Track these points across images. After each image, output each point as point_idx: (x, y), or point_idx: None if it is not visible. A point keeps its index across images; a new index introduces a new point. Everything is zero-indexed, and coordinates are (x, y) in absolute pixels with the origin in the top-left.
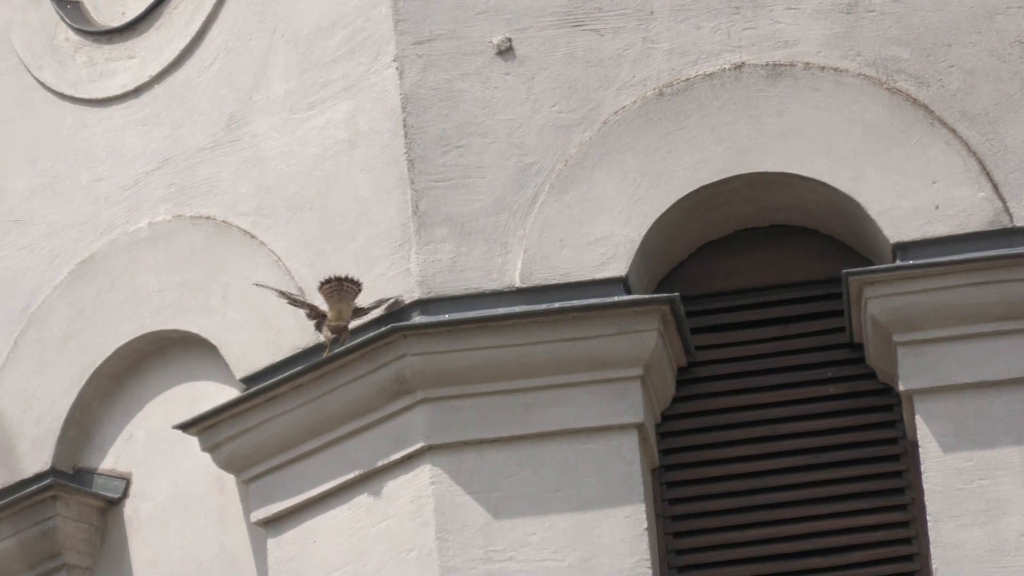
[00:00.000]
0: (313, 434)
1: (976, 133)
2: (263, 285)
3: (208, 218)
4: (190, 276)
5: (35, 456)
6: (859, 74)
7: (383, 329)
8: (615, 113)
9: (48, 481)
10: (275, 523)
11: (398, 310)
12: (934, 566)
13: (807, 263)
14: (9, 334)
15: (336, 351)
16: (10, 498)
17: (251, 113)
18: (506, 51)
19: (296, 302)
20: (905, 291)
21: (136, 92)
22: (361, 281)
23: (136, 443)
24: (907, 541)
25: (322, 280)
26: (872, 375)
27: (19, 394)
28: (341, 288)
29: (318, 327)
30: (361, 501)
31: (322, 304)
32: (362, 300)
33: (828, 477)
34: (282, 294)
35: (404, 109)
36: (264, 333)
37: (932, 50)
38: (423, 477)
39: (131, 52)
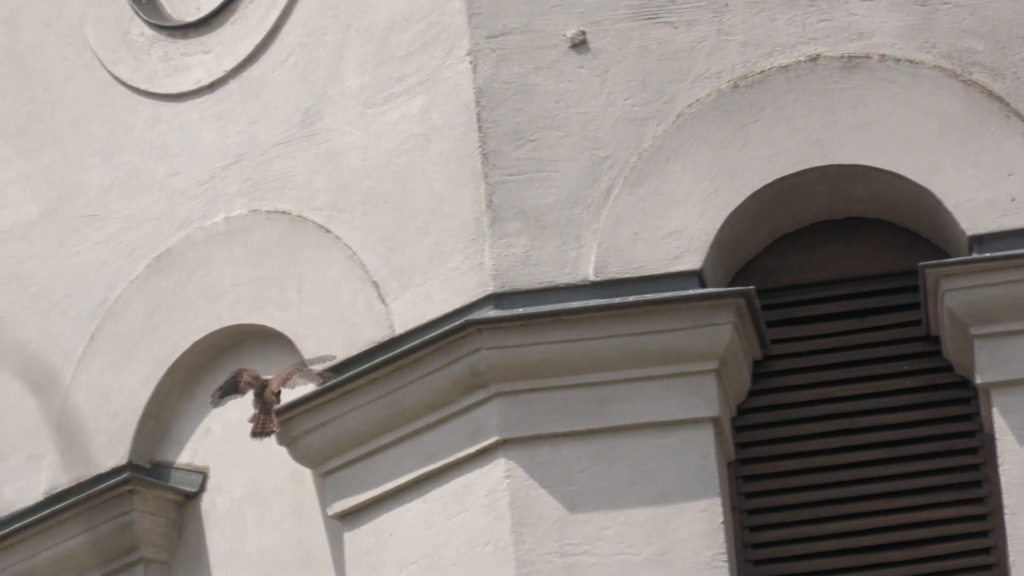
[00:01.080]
0: (388, 428)
1: None
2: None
3: (283, 213)
4: (266, 270)
5: (112, 450)
6: (934, 66)
7: (458, 323)
8: (689, 106)
9: (125, 475)
10: (351, 516)
11: (472, 303)
12: (1011, 559)
13: (883, 256)
14: (86, 329)
15: (403, 349)
16: (87, 492)
17: (326, 108)
18: (580, 44)
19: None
20: (982, 283)
21: (211, 87)
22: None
23: (213, 437)
24: (984, 534)
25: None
26: (949, 368)
27: (96, 388)
28: (263, 396)
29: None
30: (436, 495)
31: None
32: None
33: (904, 470)
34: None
35: (478, 103)
36: (340, 327)
37: (1007, 42)
38: (498, 471)
39: (206, 47)
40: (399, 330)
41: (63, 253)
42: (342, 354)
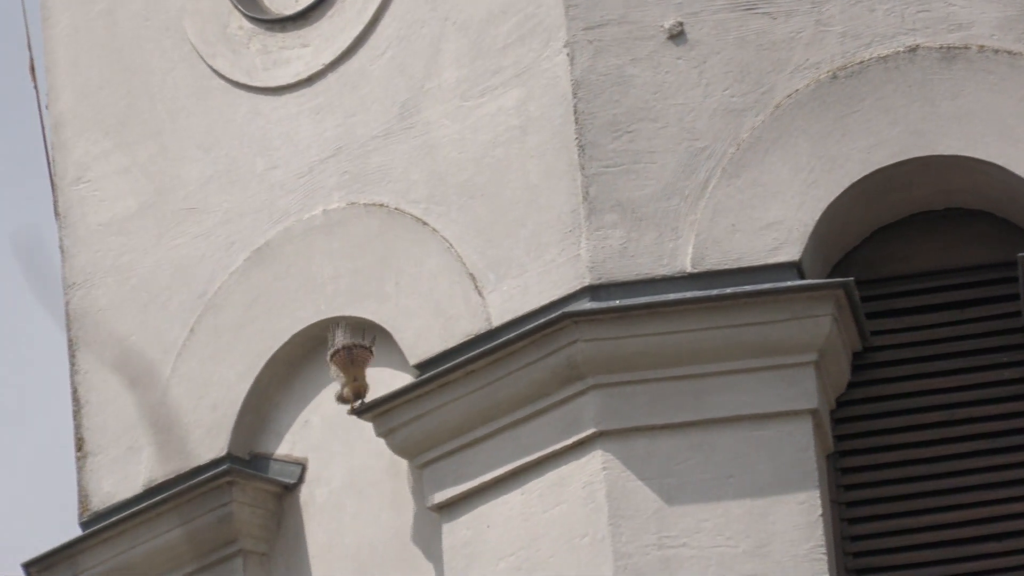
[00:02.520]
0: (485, 420)
1: None
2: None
3: (381, 205)
4: (364, 263)
5: (211, 442)
6: None
7: (554, 315)
8: (788, 96)
9: (224, 467)
10: (449, 508)
11: (568, 295)
12: None
13: (983, 246)
14: (185, 321)
15: (500, 341)
16: (186, 485)
17: (423, 101)
18: (677, 35)
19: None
20: None
21: (309, 80)
22: (370, 345)
23: (312, 429)
24: None
25: (331, 351)
26: None
27: (195, 380)
28: (351, 355)
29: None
30: (534, 487)
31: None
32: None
33: (1004, 462)
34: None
35: (575, 95)
36: (437, 319)
37: None
38: (595, 463)
39: (304, 40)
40: (496, 322)
41: (163, 246)
42: (439, 347)
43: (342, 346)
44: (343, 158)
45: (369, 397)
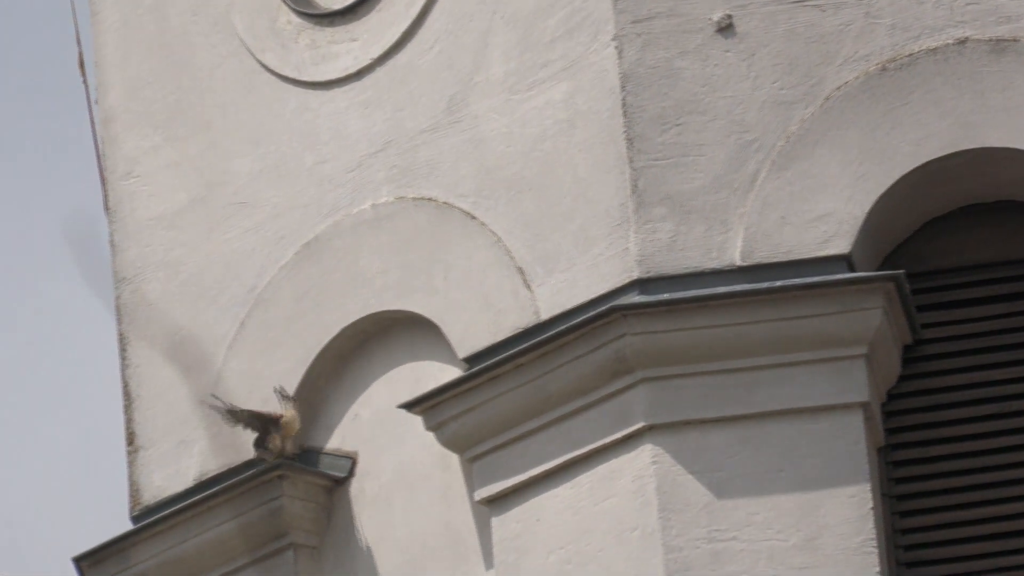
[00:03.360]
0: (535, 413)
1: None
2: (213, 402)
3: (430, 199)
4: (412, 257)
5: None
6: None
7: (603, 309)
8: (837, 89)
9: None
10: (499, 501)
11: (617, 289)
12: None
13: None
14: (235, 315)
15: (548, 335)
16: (237, 478)
17: (471, 95)
18: (726, 28)
19: (235, 414)
20: None
21: (358, 75)
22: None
23: (361, 422)
24: None
25: (280, 404)
26: None
27: (246, 375)
28: (295, 419)
29: (259, 441)
30: (583, 480)
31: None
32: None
33: None
34: (227, 412)
35: (623, 88)
36: (486, 313)
37: None
38: (644, 457)
39: (353, 35)
40: (544, 316)
41: (213, 240)
42: (488, 340)
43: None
44: (392, 152)
45: (419, 390)
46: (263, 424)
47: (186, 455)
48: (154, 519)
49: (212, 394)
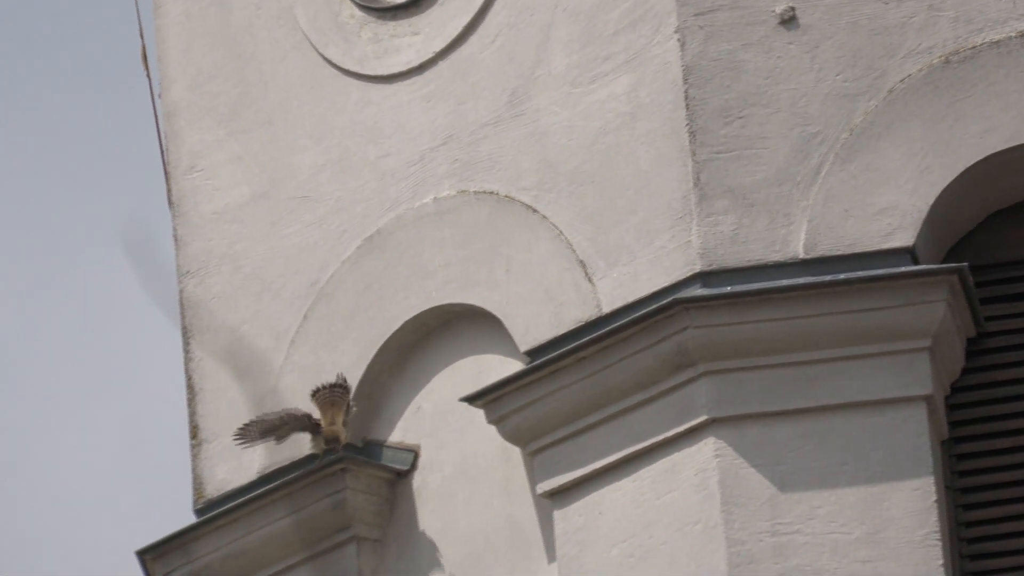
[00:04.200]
0: (597, 406)
1: None
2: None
3: (491, 193)
4: (474, 250)
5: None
6: None
7: (665, 302)
8: (900, 81)
9: (338, 454)
10: (561, 495)
11: (679, 282)
12: None
13: None
14: (298, 309)
15: (610, 328)
16: (300, 471)
17: (533, 88)
18: (789, 20)
19: (278, 427)
20: None
21: (420, 68)
22: (349, 385)
23: (424, 415)
24: None
25: (312, 389)
26: None
27: (308, 368)
28: (332, 395)
29: (313, 436)
30: (645, 474)
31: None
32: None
33: None
34: (263, 431)
35: (686, 81)
36: (547, 306)
37: None
38: (707, 450)
39: (415, 28)
40: (606, 309)
41: (275, 234)
42: (549, 333)
43: (325, 385)
44: (453, 146)
45: (481, 384)
46: (306, 425)
47: (249, 448)
48: (217, 512)
49: (250, 423)
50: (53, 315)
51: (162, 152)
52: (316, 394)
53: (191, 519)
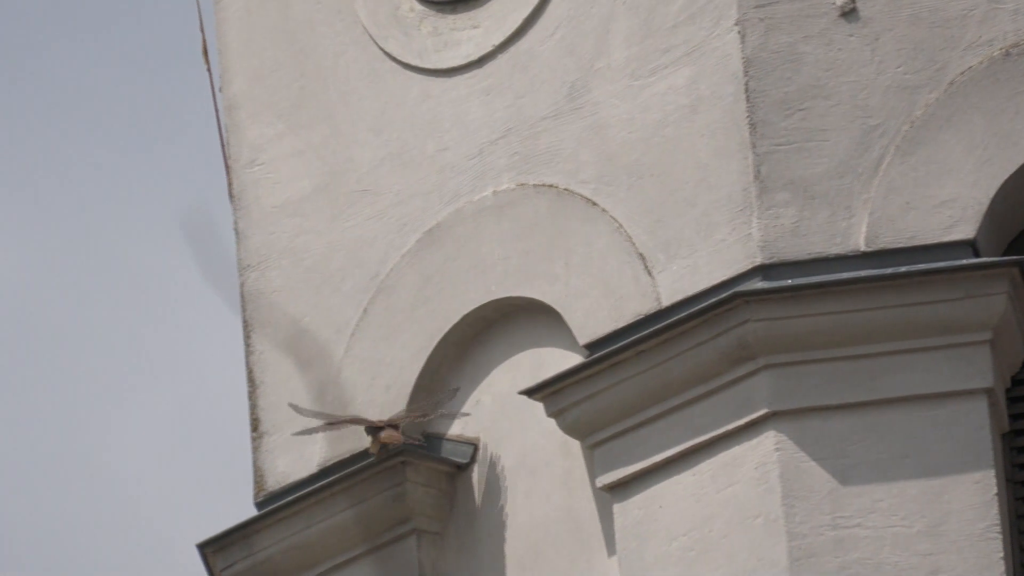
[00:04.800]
0: (656, 400)
1: None
2: (296, 409)
3: (551, 186)
4: (533, 244)
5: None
6: None
7: (725, 295)
8: (961, 74)
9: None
10: (620, 488)
11: (739, 275)
12: None
13: None
14: (359, 302)
15: (670, 321)
16: (360, 464)
17: (592, 81)
18: (850, 12)
19: (336, 423)
20: None
21: (480, 62)
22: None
23: (483, 409)
24: None
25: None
26: None
27: (368, 361)
28: (422, 408)
29: (373, 435)
30: (705, 467)
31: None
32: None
33: None
34: (322, 423)
35: (746, 73)
36: (607, 299)
37: None
38: (768, 443)
39: (475, 22)
40: (666, 302)
41: (336, 228)
42: (609, 327)
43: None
44: (513, 139)
45: (541, 377)
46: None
47: (310, 441)
48: (278, 505)
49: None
50: (113, 306)
51: (223, 146)
52: (411, 404)
53: (251, 512)
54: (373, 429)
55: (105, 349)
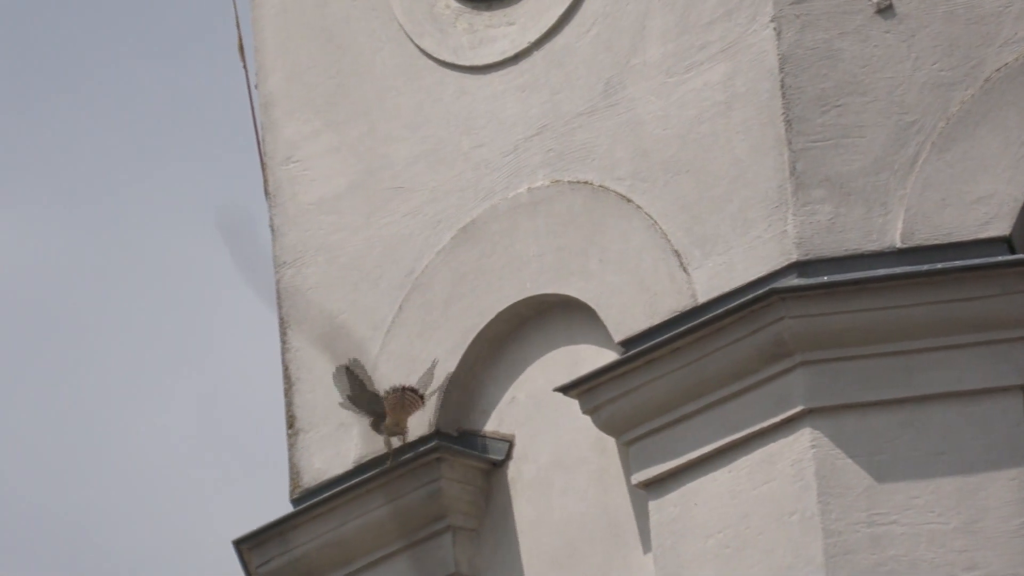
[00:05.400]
0: (692, 397)
1: None
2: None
3: (586, 183)
4: (568, 240)
5: (419, 419)
6: None
7: (761, 292)
8: (997, 70)
9: (433, 444)
10: (656, 485)
11: (775, 271)
12: None
13: None
14: (394, 299)
15: (706, 318)
16: (396, 461)
17: (628, 77)
18: (886, 9)
19: (355, 402)
20: None
21: (515, 58)
22: (423, 393)
23: (518, 405)
24: None
25: (387, 389)
26: None
27: (403, 358)
28: (403, 399)
29: (375, 428)
30: (741, 464)
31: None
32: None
33: None
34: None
35: (782, 69)
36: (641, 296)
37: None
38: (803, 440)
39: (510, 18)
40: (701, 299)
41: (372, 225)
42: (644, 324)
43: (398, 387)
44: (548, 136)
45: (576, 374)
46: (379, 408)
47: (346, 438)
48: (314, 502)
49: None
50: (144, 298)
51: (259, 143)
52: (388, 395)
53: (287, 509)
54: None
55: (142, 343)
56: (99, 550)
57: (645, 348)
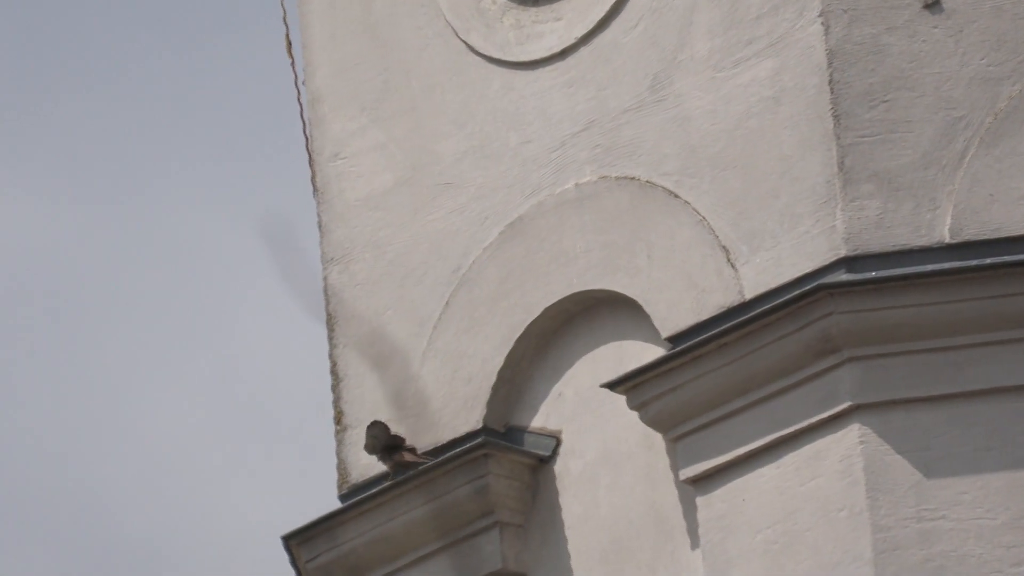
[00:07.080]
0: (739, 393)
1: None
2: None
3: (633, 179)
4: (615, 236)
5: (467, 415)
6: None
7: (809, 287)
8: None
9: (480, 439)
10: (703, 481)
11: (823, 267)
12: None
13: None
14: (441, 295)
15: (753, 314)
16: (443, 456)
17: (675, 72)
18: (934, 4)
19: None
20: None
21: (562, 54)
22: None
23: (565, 401)
24: None
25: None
26: None
27: (450, 353)
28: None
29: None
30: (789, 460)
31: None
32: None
33: None
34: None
35: (830, 64)
36: (689, 292)
37: None
38: (852, 436)
39: (557, 14)
40: (749, 295)
41: (418, 221)
42: (691, 320)
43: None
44: (595, 132)
45: (623, 370)
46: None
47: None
48: (361, 498)
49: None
50: (188, 294)
51: (306, 139)
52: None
53: (335, 504)
54: (390, 448)
55: (181, 340)
56: (149, 545)
57: (692, 344)
